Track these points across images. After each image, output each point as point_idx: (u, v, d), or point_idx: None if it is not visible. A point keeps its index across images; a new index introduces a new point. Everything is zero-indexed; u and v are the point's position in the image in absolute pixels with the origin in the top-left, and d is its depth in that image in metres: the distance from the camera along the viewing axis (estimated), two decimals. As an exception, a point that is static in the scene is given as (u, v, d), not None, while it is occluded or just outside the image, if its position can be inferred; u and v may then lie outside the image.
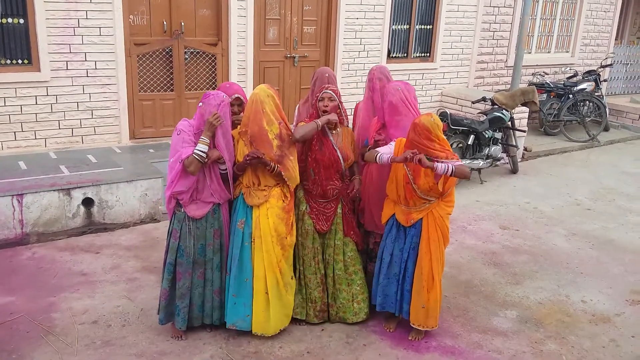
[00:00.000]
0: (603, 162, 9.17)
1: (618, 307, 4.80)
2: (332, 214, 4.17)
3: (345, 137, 4.18)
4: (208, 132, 3.70)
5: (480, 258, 5.58)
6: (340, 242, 4.20)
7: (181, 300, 3.93)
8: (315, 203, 4.15)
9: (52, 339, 3.97)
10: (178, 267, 3.90)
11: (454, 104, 9.19)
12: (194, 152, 3.66)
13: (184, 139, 3.73)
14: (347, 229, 4.22)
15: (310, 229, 4.14)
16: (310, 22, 8.14)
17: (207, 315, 4.05)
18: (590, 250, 5.87)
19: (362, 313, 4.27)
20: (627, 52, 12.95)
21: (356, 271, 4.26)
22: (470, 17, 9.63)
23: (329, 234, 4.19)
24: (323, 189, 4.11)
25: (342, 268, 4.22)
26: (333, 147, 4.08)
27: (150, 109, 7.13)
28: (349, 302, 4.24)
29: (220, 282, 4.02)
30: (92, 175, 5.79)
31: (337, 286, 4.24)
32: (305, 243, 4.16)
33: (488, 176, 8.06)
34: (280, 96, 4.05)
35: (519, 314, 4.62)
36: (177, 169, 3.72)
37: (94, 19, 6.46)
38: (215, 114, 3.68)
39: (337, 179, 4.15)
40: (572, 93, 10.04)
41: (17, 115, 6.30)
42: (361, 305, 4.26)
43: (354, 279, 4.25)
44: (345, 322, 4.26)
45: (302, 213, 4.15)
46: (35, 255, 5.18)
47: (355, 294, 4.25)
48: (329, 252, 4.21)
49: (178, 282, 3.91)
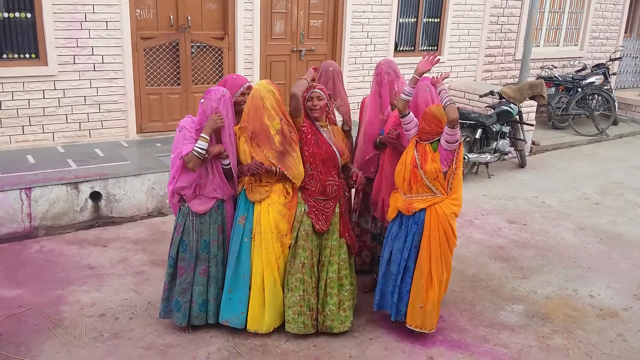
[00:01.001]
0: (612, 156, 9.11)
1: (626, 301, 4.78)
2: (331, 212, 4.06)
3: (337, 134, 4.14)
4: (209, 130, 3.70)
5: (487, 252, 5.57)
6: (337, 243, 4.08)
7: (182, 296, 3.92)
8: (315, 202, 4.03)
9: (60, 331, 4.00)
10: (180, 262, 3.90)
11: (462, 97, 9.13)
12: (194, 149, 3.66)
13: (185, 135, 3.73)
14: (343, 229, 4.12)
15: (310, 229, 4.01)
16: (317, 15, 8.12)
17: (213, 314, 4.00)
18: (598, 245, 5.84)
19: (348, 322, 4.09)
20: (636, 45, 12.83)
21: (347, 275, 4.12)
22: (478, 10, 9.57)
23: (326, 234, 4.07)
24: (322, 184, 4.02)
25: (335, 271, 4.05)
26: (327, 141, 4.03)
27: (157, 103, 7.14)
28: (336, 309, 4.05)
29: (224, 279, 4.01)
30: (100, 169, 5.81)
31: (328, 290, 4.05)
32: (306, 245, 4.01)
33: (496, 170, 8.02)
34: (281, 91, 4.02)
35: (526, 308, 4.61)
36: (178, 165, 3.74)
37: (100, 13, 6.47)
38: (218, 116, 3.69)
39: (336, 174, 4.09)
40: (580, 87, 9.97)
41: (25, 110, 6.33)
42: (347, 313, 4.08)
43: (344, 284, 4.10)
44: (332, 330, 4.06)
45: (301, 214, 4.02)
46: (44, 249, 5.22)
47: (343, 300, 4.07)
48: (325, 254, 4.08)
49: (180, 277, 3.91)
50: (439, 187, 3.90)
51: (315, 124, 4.06)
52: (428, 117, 3.85)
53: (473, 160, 7.44)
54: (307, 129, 4.03)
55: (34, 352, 3.76)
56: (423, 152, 3.88)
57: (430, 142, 3.89)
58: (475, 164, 7.67)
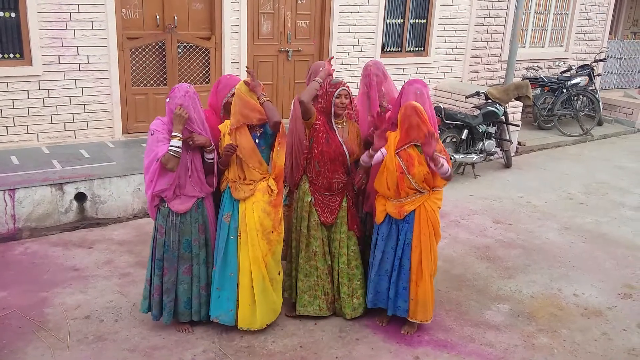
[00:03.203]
0: (596, 157, 9.20)
1: (610, 300, 4.82)
2: (337, 207, 4.18)
3: (351, 132, 4.18)
4: (179, 126, 3.67)
5: (473, 252, 5.60)
6: (345, 235, 4.22)
7: (166, 295, 3.93)
8: (320, 196, 4.16)
9: (45, 334, 3.96)
10: (164, 262, 3.90)
11: (448, 98, 9.19)
12: (169, 149, 3.64)
13: (157, 138, 3.72)
14: (351, 222, 4.24)
15: (319, 220, 4.15)
16: (304, 16, 8.12)
17: (195, 311, 4.04)
18: (583, 244, 5.89)
19: (360, 308, 4.30)
20: (620, 46, 12.96)
21: (357, 265, 4.28)
22: (465, 11, 9.62)
23: (334, 227, 4.21)
24: (328, 181, 4.12)
25: (345, 262, 4.23)
26: (339, 140, 4.08)
27: (143, 104, 7.10)
28: (349, 297, 4.26)
29: (206, 278, 4.03)
30: (85, 170, 5.77)
31: (340, 280, 4.25)
32: (317, 235, 4.16)
33: (482, 170, 8.07)
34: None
35: (511, 307, 4.64)
36: (155, 168, 3.71)
37: (86, 13, 6.42)
38: (180, 109, 3.66)
39: (343, 173, 4.15)
40: (565, 87, 10.06)
41: (9, 110, 6.26)
42: (360, 301, 4.29)
43: (356, 274, 4.27)
44: (344, 316, 4.28)
45: (309, 205, 4.14)
46: (28, 251, 5.16)
47: (356, 289, 4.28)
48: (334, 245, 4.23)
49: (164, 277, 3.91)
50: (426, 187, 3.93)
51: (331, 121, 4.08)
52: (408, 110, 3.81)
53: (459, 160, 7.47)
54: (320, 126, 4.06)
55: (17, 355, 3.72)
56: (408, 157, 3.88)
57: (415, 145, 3.89)
58: (462, 164, 7.71)
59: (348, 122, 4.20)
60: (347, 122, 4.19)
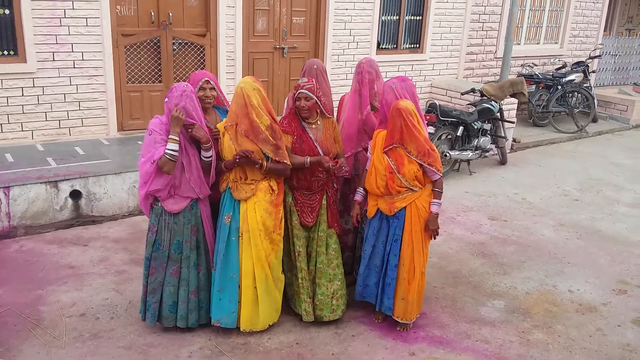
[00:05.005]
0: (591, 153, 9.23)
1: (605, 296, 4.85)
2: (317, 205, 4.10)
3: (326, 130, 4.09)
4: (176, 128, 3.62)
5: (469, 249, 5.61)
6: (324, 233, 4.13)
7: (152, 295, 3.87)
8: (300, 195, 4.07)
9: (40, 332, 3.95)
10: (152, 261, 3.84)
11: (444, 95, 9.20)
12: (165, 152, 3.59)
13: (155, 139, 3.67)
14: (331, 220, 4.17)
15: (299, 220, 4.10)
16: (300, 12, 8.11)
17: (181, 317, 3.92)
18: (578, 241, 5.92)
19: (339, 310, 4.17)
20: (615, 43, 13.01)
21: (338, 265, 4.18)
22: (460, 8, 9.63)
23: (313, 226, 4.12)
24: (307, 181, 4.05)
25: (323, 261, 4.12)
26: (313, 143, 4.01)
27: (138, 101, 7.08)
28: (327, 299, 4.12)
29: (197, 282, 3.95)
30: (80, 167, 5.75)
31: (317, 281, 4.12)
32: (300, 234, 4.08)
33: (477, 167, 8.09)
34: (265, 88, 3.99)
35: (506, 304, 4.66)
36: (150, 169, 3.65)
37: (80, 10, 6.39)
38: (177, 110, 3.61)
39: (321, 172, 4.06)
40: (560, 84, 10.08)
41: (4, 107, 6.24)
42: (339, 302, 4.16)
43: (336, 274, 4.17)
44: (321, 319, 4.14)
45: (290, 205, 4.08)
46: (23, 248, 5.15)
47: (336, 290, 4.15)
48: (312, 245, 4.14)
49: (150, 277, 3.85)
50: (417, 184, 3.93)
51: (302, 123, 4.04)
52: (399, 110, 3.82)
53: (454, 157, 7.48)
54: (293, 130, 4.01)
55: (13, 353, 3.72)
56: (397, 156, 3.88)
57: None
58: (457, 161, 7.72)
59: (323, 120, 4.10)
60: (322, 120, 4.09)
